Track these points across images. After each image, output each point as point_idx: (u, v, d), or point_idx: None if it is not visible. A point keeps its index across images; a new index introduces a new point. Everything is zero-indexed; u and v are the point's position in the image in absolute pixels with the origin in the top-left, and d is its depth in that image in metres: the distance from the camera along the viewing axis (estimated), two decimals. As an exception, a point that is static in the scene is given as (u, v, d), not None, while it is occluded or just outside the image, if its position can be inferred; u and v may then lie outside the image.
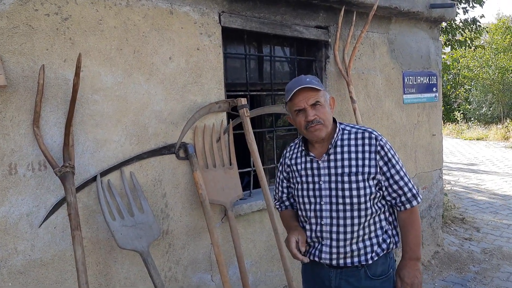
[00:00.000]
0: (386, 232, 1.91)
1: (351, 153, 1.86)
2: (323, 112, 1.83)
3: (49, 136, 2.31)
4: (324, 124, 1.83)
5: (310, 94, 1.81)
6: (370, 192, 1.83)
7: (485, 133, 17.35)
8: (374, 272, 1.88)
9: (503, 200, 7.42)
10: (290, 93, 1.82)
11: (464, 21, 8.27)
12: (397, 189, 1.87)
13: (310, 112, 1.81)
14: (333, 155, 1.88)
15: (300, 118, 1.85)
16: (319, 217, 1.89)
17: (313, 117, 1.81)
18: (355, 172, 1.83)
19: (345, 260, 1.86)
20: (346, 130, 1.93)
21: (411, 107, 4.63)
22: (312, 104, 1.81)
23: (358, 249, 1.86)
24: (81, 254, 2.19)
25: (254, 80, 3.58)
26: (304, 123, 1.84)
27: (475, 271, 4.47)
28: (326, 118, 1.84)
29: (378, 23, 4.18)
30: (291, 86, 1.85)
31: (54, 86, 2.31)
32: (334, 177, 1.86)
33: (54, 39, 2.29)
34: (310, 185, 1.92)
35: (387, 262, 1.92)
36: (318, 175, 1.90)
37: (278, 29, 3.35)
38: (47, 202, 2.31)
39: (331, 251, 1.87)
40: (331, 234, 1.86)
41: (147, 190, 2.67)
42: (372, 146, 1.85)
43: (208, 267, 3.01)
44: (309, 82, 1.81)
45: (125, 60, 2.55)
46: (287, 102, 1.89)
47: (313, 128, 1.83)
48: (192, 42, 2.84)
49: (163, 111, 2.73)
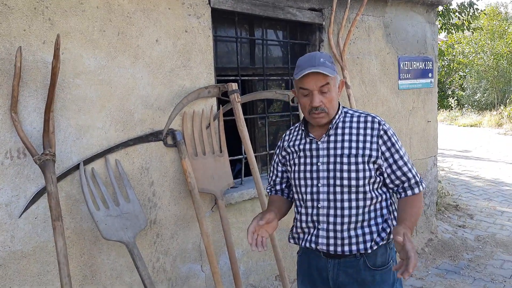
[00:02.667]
0: (386, 221, 1.83)
1: (352, 135, 1.79)
2: (330, 99, 1.75)
3: (28, 122, 2.19)
4: (327, 113, 1.76)
5: (321, 77, 1.71)
6: (370, 176, 1.76)
7: (479, 120, 17.36)
8: (374, 262, 1.80)
9: (497, 187, 7.40)
10: (301, 72, 1.71)
11: (461, 4, 8.16)
12: (400, 175, 1.79)
13: (317, 97, 1.72)
14: (333, 136, 1.81)
15: (306, 100, 1.76)
16: (315, 200, 1.81)
17: (318, 104, 1.72)
18: (355, 154, 1.75)
19: (343, 248, 1.77)
20: (349, 114, 1.86)
21: (406, 93, 4.54)
22: (322, 89, 1.73)
23: (356, 236, 1.77)
24: (63, 246, 2.10)
25: (245, 64, 3.46)
26: (308, 107, 1.76)
27: (469, 258, 4.43)
28: (332, 106, 1.76)
29: (374, 6, 4.06)
30: (303, 64, 1.74)
31: (33, 69, 2.19)
32: (333, 158, 1.78)
33: (32, 19, 2.16)
34: (307, 166, 1.84)
35: (387, 252, 1.84)
36: (316, 156, 1.82)
37: (270, 11, 3.22)
38: (27, 192, 2.21)
39: (328, 236, 1.79)
40: (328, 218, 1.78)
41: (133, 178, 2.58)
42: (375, 130, 1.78)
43: (198, 257, 2.93)
44: (323, 64, 1.71)
45: (108, 42, 2.42)
46: (294, 77, 1.78)
47: (316, 115, 1.76)
48: (180, 24, 2.72)
49: (149, 96, 2.61)
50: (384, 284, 1.82)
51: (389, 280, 1.84)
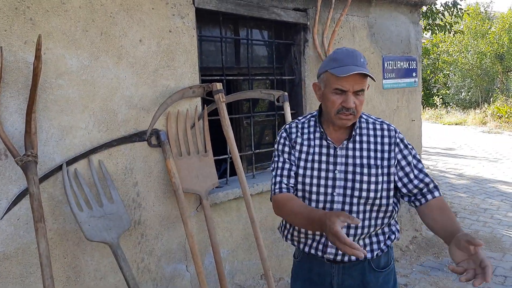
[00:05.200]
0: (391, 229, 1.82)
1: (370, 144, 1.73)
2: (362, 102, 1.66)
3: (9, 123, 2.17)
4: (355, 116, 1.67)
5: (360, 79, 1.62)
6: (388, 188, 1.71)
7: (463, 118, 17.57)
8: (378, 264, 1.79)
9: (480, 185, 7.51)
10: (342, 69, 1.60)
11: (445, 4, 8.25)
12: (418, 183, 1.72)
13: (351, 98, 1.63)
14: (352, 143, 1.74)
15: (337, 98, 1.64)
16: (328, 209, 1.71)
17: (352, 105, 1.63)
18: (374, 164, 1.70)
19: (350, 257, 1.72)
20: (363, 118, 1.80)
21: (390, 92, 4.59)
22: (357, 91, 1.63)
23: (365, 245, 1.74)
24: (45, 247, 2.08)
25: (230, 64, 3.47)
26: (338, 106, 1.64)
27: (452, 255, 4.49)
28: (361, 109, 1.69)
29: (358, 6, 4.09)
30: (344, 59, 1.62)
31: (15, 70, 2.17)
32: (351, 167, 1.71)
33: (13, 19, 2.14)
34: (322, 172, 1.73)
35: (388, 252, 1.83)
36: (334, 163, 1.72)
37: (255, 11, 3.23)
38: (9, 193, 2.19)
39: None
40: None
41: (117, 179, 2.56)
42: (392, 138, 1.75)
43: (183, 257, 2.93)
44: (363, 65, 1.62)
45: (91, 42, 2.41)
46: (329, 71, 1.64)
47: (345, 116, 1.65)
48: (164, 24, 2.71)
49: (133, 97, 2.60)
50: (387, 285, 1.82)
51: (391, 281, 1.84)
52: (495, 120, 15.91)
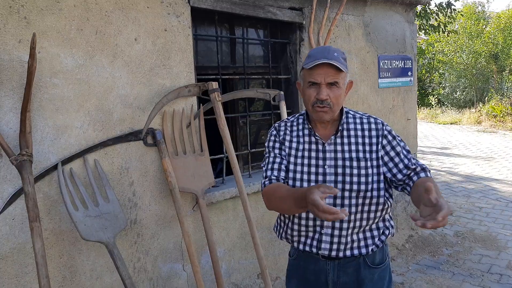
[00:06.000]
0: (386, 224, 1.82)
1: (358, 137, 1.76)
2: (337, 95, 1.67)
3: (4, 123, 2.16)
4: (332, 109, 1.69)
5: (332, 71, 1.64)
6: (378, 180, 1.72)
7: (458, 117, 17.62)
8: (373, 260, 1.79)
9: (476, 184, 7.54)
10: (312, 62, 1.63)
11: (439, 5, 8.27)
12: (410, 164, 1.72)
13: (324, 90, 1.65)
14: (340, 138, 1.76)
15: (312, 91, 1.68)
16: None
17: (325, 97, 1.65)
18: (363, 157, 1.72)
19: (345, 252, 1.74)
20: (350, 114, 1.82)
21: (386, 91, 4.60)
22: (329, 82, 1.65)
23: (359, 240, 1.75)
24: (41, 247, 2.07)
25: (226, 63, 3.46)
26: (313, 99, 1.67)
27: (448, 254, 4.51)
28: (337, 102, 1.69)
29: (354, 5, 4.10)
30: (315, 54, 1.67)
31: (9, 68, 2.15)
32: (341, 161, 1.73)
33: (7, 17, 2.13)
34: (312, 168, 1.76)
35: (383, 249, 1.83)
36: (323, 158, 1.75)
37: (250, 10, 3.23)
38: (4, 193, 2.17)
39: (332, 241, 1.74)
40: (334, 222, 1.72)
41: (113, 178, 2.55)
42: (380, 130, 1.77)
43: (179, 256, 2.92)
44: (336, 58, 1.64)
45: (86, 41, 2.40)
46: (303, 67, 1.70)
47: (320, 109, 1.68)
48: (159, 23, 2.70)
49: (129, 96, 2.59)
50: (382, 281, 1.83)
51: (386, 277, 1.85)
52: (490, 119, 15.97)
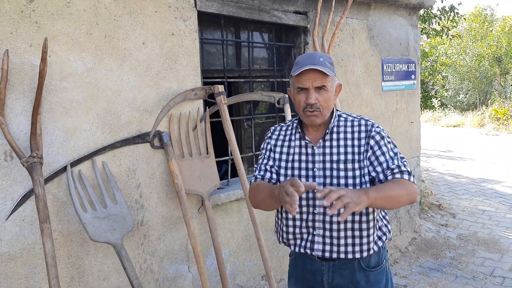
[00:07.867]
0: (382, 230, 1.84)
1: (347, 140, 1.78)
2: (325, 98, 1.73)
3: (15, 125, 2.20)
4: (322, 112, 1.73)
5: (318, 76, 1.69)
6: (366, 181, 1.74)
7: (461, 120, 17.61)
8: (368, 263, 1.82)
9: (478, 186, 7.55)
10: (299, 69, 1.69)
11: (442, 9, 8.29)
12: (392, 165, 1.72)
13: (312, 94, 1.70)
14: (329, 141, 1.80)
15: (301, 97, 1.74)
16: (311, 206, 1.78)
17: (314, 101, 1.70)
18: (351, 159, 1.75)
19: (339, 254, 1.77)
20: (342, 117, 1.85)
21: (390, 94, 4.62)
22: (317, 87, 1.71)
23: (353, 245, 1.77)
24: (51, 248, 2.10)
25: (231, 66, 3.50)
26: (303, 104, 1.73)
27: (451, 256, 4.53)
28: (327, 105, 1.74)
29: (358, 9, 4.13)
30: (301, 61, 1.73)
31: (20, 72, 2.19)
32: (329, 164, 1.77)
33: (18, 22, 2.17)
34: (302, 171, 1.81)
35: (380, 252, 1.85)
36: (312, 161, 1.79)
37: (256, 14, 3.27)
38: (14, 194, 2.21)
39: (324, 241, 1.78)
40: (324, 224, 1.76)
41: (120, 180, 2.59)
42: (368, 132, 1.78)
43: (185, 258, 2.95)
44: (322, 63, 1.69)
45: (95, 45, 2.44)
46: (291, 75, 1.76)
47: (310, 113, 1.73)
48: (167, 27, 2.74)
49: (136, 99, 2.63)
50: (378, 284, 1.84)
51: (382, 281, 1.86)
52: (493, 122, 15.97)
